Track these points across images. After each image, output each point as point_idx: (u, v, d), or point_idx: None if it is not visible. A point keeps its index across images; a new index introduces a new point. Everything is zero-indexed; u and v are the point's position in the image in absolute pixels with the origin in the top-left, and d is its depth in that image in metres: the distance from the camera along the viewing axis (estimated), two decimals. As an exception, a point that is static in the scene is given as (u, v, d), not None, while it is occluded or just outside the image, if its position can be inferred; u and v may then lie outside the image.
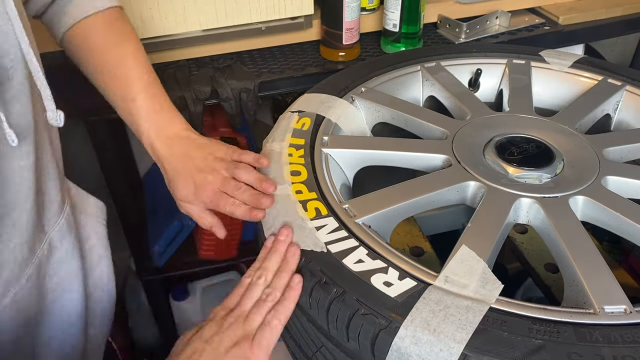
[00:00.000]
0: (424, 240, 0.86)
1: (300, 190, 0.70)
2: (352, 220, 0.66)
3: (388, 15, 1.21)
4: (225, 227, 0.79)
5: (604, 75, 0.94)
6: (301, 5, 1.18)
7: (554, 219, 0.67)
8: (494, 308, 0.55)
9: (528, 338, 0.52)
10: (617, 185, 0.73)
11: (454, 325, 0.53)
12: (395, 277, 0.59)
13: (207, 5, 1.12)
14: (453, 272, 0.59)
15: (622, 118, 0.91)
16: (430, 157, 0.78)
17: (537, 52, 0.99)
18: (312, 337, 0.63)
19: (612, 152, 0.79)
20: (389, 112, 0.87)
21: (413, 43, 1.22)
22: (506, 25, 1.33)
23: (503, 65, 0.97)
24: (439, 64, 0.97)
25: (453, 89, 0.92)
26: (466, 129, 0.82)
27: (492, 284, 0.58)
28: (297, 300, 0.61)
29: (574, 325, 0.54)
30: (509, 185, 0.71)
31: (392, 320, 0.54)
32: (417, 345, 0.53)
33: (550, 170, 0.74)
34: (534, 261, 0.84)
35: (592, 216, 0.70)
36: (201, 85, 1.11)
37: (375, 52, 1.26)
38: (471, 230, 0.65)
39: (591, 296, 0.57)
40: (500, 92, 0.97)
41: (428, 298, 0.56)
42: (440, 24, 1.33)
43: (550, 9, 1.39)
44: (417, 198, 0.70)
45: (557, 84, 0.96)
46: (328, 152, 0.77)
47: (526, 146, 0.77)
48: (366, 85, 0.91)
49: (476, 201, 0.71)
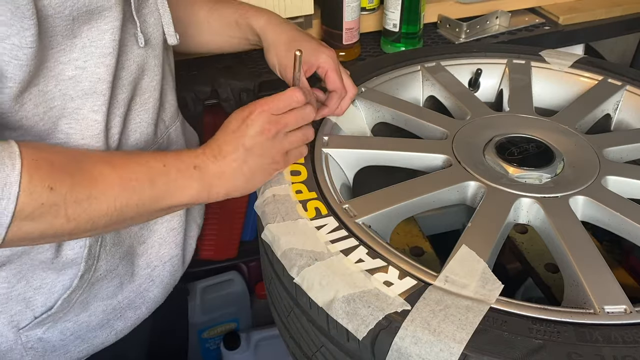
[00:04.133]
0: (424, 240, 0.86)
1: (300, 190, 0.70)
2: (352, 220, 0.66)
3: (388, 15, 1.21)
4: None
5: (604, 75, 0.94)
6: (301, 5, 1.18)
7: (554, 219, 0.67)
8: (494, 308, 0.55)
9: (528, 338, 0.52)
10: (617, 185, 0.73)
11: (454, 325, 0.53)
12: (396, 277, 0.59)
13: (207, 5, 1.12)
14: (453, 272, 0.59)
15: (622, 118, 0.91)
16: (430, 157, 0.78)
17: (537, 52, 0.99)
18: (312, 337, 0.63)
19: (612, 152, 0.79)
20: (389, 112, 0.87)
21: (413, 43, 1.22)
22: (506, 25, 1.33)
23: (503, 65, 0.97)
24: (439, 63, 0.97)
25: (453, 88, 0.92)
26: (466, 129, 0.82)
27: (492, 284, 0.58)
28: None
29: (574, 325, 0.54)
30: (509, 185, 0.71)
31: (392, 320, 0.54)
32: (417, 345, 0.53)
33: (550, 170, 0.74)
34: (534, 261, 0.84)
35: (592, 216, 0.70)
36: (201, 85, 1.11)
37: (375, 52, 1.26)
38: (471, 230, 0.65)
39: (591, 296, 0.57)
40: (501, 92, 0.97)
41: (428, 298, 0.56)
42: (440, 24, 1.33)
43: (550, 9, 1.39)
44: (417, 198, 0.70)
45: (557, 84, 0.96)
46: (328, 152, 0.77)
47: (526, 146, 0.77)
48: (366, 85, 0.91)
49: (476, 201, 0.71)
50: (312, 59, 0.77)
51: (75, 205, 0.57)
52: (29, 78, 0.57)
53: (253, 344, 1.58)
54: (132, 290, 0.76)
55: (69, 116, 0.63)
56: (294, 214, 0.67)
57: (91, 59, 0.62)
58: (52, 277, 0.68)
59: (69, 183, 0.56)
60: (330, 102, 0.80)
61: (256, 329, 1.65)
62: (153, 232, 0.78)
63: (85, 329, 0.72)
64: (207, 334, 1.65)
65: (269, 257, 0.68)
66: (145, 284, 0.78)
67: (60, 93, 0.61)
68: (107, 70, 0.63)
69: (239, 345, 1.58)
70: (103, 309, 0.73)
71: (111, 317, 0.74)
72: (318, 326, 0.61)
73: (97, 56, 0.62)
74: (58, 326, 0.70)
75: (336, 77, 0.78)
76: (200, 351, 1.68)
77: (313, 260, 0.61)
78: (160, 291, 0.80)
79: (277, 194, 0.70)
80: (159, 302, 0.81)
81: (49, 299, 0.68)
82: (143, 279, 0.77)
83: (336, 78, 0.78)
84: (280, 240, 0.65)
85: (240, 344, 1.58)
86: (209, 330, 1.65)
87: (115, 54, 0.63)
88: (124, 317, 0.76)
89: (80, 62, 0.61)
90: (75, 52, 0.61)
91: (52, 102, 0.61)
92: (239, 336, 1.59)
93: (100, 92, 0.64)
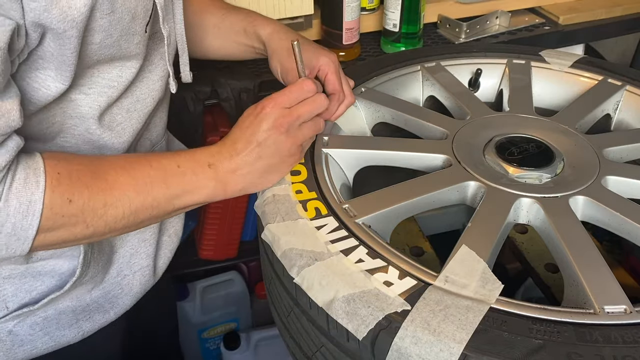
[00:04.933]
0: (424, 240, 0.86)
1: (300, 190, 0.70)
2: (352, 220, 0.66)
3: (388, 15, 1.21)
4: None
5: (604, 75, 0.94)
6: (301, 5, 1.18)
7: (554, 219, 0.67)
8: (494, 308, 0.55)
9: (528, 338, 0.52)
10: (617, 185, 0.73)
11: (454, 325, 0.53)
12: (396, 277, 0.59)
13: (207, 5, 1.12)
14: (453, 272, 0.59)
15: (622, 118, 0.91)
16: (430, 157, 0.78)
17: (537, 52, 0.99)
18: (312, 337, 0.63)
19: (612, 152, 0.79)
20: (389, 112, 0.87)
21: (413, 43, 1.22)
22: (506, 25, 1.33)
23: (503, 65, 0.97)
24: (439, 63, 0.97)
25: (453, 88, 0.92)
26: (466, 129, 0.82)
27: (492, 284, 0.58)
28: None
29: (574, 325, 0.54)
30: (509, 185, 0.71)
31: (392, 320, 0.54)
32: (417, 345, 0.53)
33: (550, 170, 0.73)
34: (534, 261, 0.84)
35: (592, 216, 0.70)
36: (201, 85, 1.11)
37: (375, 52, 1.26)
38: (471, 230, 0.65)
39: (591, 296, 0.57)
40: (501, 92, 0.96)
41: (428, 298, 0.56)
42: (440, 24, 1.33)
43: (550, 9, 1.39)
44: (417, 198, 0.70)
45: (557, 84, 0.96)
46: (328, 152, 0.77)
47: (526, 146, 0.77)
48: (366, 85, 0.91)
49: (476, 201, 0.71)
50: (313, 61, 0.77)
51: (93, 214, 0.60)
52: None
53: (253, 344, 1.58)
54: (101, 295, 0.77)
55: (65, 131, 0.66)
56: (294, 214, 0.67)
57: (96, 88, 0.65)
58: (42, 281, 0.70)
59: (86, 194, 0.59)
60: (329, 105, 0.79)
61: (256, 329, 1.65)
62: (125, 242, 0.79)
63: (55, 326, 0.73)
64: (207, 334, 1.65)
65: (269, 257, 0.68)
66: (115, 290, 0.79)
67: (61, 111, 0.64)
68: (107, 100, 0.67)
69: (239, 345, 1.58)
70: (73, 309, 0.74)
71: (80, 318, 0.75)
72: (318, 326, 0.61)
73: (101, 86, 0.66)
74: (28, 321, 0.71)
75: (336, 79, 0.77)
76: (200, 351, 1.68)
77: (313, 260, 0.61)
78: (129, 299, 0.81)
79: (277, 194, 0.70)
80: (127, 309, 0.81)
81: (27, 298, 0.69)
82: (112, 286, 0.78)
83: (336, 80, 0.77)
84: (280, 240, 0.65)
85: (240, 344, 1.58)
86: (209, 330, 1.65)
87: (119, 87, 0.67)
88: (92, 320, 0.77)
89: (85, 89, 0.65)
90: (84, 78, 0.64)
91: (53, 119, 0.64)
92: (239, 336, 1.59)
93: (96, 117, 0.67)
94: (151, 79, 0.73)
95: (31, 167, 0.56)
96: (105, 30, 0.60)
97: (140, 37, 0.66)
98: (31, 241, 0.57)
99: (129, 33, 0.64)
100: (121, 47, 0.64)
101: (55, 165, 0.58)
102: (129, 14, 0.62)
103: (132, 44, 0.65)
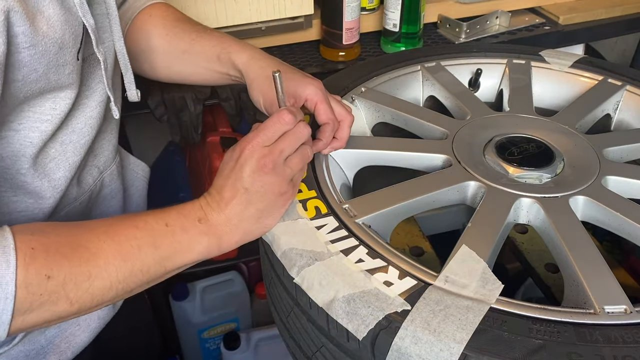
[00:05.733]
0: (424, 240, 0.86)
1: (300, 189, 0.70)
2: (352, 220, 0.66)
3: (388, 15, 1.21)
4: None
5: (604, 75, 0.94)
6: (301, 5, 1.18)
7: (554, 219, 0.67)
8: (494, 308, 0.55)
9: (528, 338, 0.52)
10: (618, 185, 0.73)
11: (454, 325, 0.53)
12: (396, 277, 0.59)
13: (206, 5, 1.12)
14: (453, 272, 0.59)
15: (622, 118, 0.91)
16: (430, 157, 0.78)
17: (537, 52, 0.99)
18: (312, 337, 0.63)
19: (612, 152, 0.79)
20: (389, 112, 0.87)
21: (413, 43, 1.23)
22: (506, 25, 1.33)
23: (503, 65, 0.97)
24: (439, 63, 0.97)
25: (453, 88, 0.92)
26: (466, 129, 0.82)
27: (492, 284, 0.58)
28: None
29: (574, 325, 0.54)
30: (509, 185, 0.71)
31: (392, 320, 0.54)
32: (417, 345, 0.53)
33: (550, 170, 0.73)
34: (534, 261, 0.84)
35: (592, 216, 0.70)
36: (201, 86, 1.11)
37: (375, 52, 1.27)
38: (471, 230, 0.65)
39: (591, 296, 0.57)
40: (501, 92, 0.97)
41: (428, 298, 0.56)
42: (440, 23, 1.33)
43: (550, 9, 1.39)
44: (417, 198, 0.70)
45: (557, 84, 0.96)
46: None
47: (526, 146, 0.77)
48: (366, 85, 0.91)
49: (476, 201, 0.71)
50: (298, 91, 0.73)
51: (76, 288, 0.54)
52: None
53: (253, 344, 1.58)
54: (56, 334, 0.74)
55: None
56: (294, 214, 0.67)
57: (26, 123, 0.61)
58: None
59: (66, 267, 0.54)
60: (324, 135, 0.74)
61: (256, 329, 1.65)
62: None
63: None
64: (207, 334, 1.66)
65: (269, 257, 0.68)
66: (71, 328, 0.75)
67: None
68: (40, 136, 0.62)
69: (239, 345, 1.58)
70: (26, 354, 0.71)
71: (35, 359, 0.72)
72: (318, 326, 0.61)
73: (32, 121, 0.61)
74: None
75: (327, 108, 0.73)
76: (200, 351, 1.68)
77: (313, 260, 0.61)
78: (87, 335, 0.77)
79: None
80: (85, 346, 0.77)
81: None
82: (68, 324, 0.74)
83: (327, 109, 0.73)
84: (280, 240, 0.65)
85: (240, 344, 1.58)
86: (209, 330, 1.65)
87: (54, 121, 0.63)
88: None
89: (15, 125, 0.61)
90: (12, 115, 0.60)
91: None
92: (239, 336, 1.59)
93: (30, 155, 0.63)
94: (88, 106, 0.69)
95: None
96: (27, 65, 0.56)
97: (73, 67, 0.61)
98: (7, 326, 0.51)
99: (58, 64, 0.59)
100: (50, 80, 0.59)
101: (29, 240, 0.53)
102: (54, 46, 0.57)
103: (64, 75, 0.61)
